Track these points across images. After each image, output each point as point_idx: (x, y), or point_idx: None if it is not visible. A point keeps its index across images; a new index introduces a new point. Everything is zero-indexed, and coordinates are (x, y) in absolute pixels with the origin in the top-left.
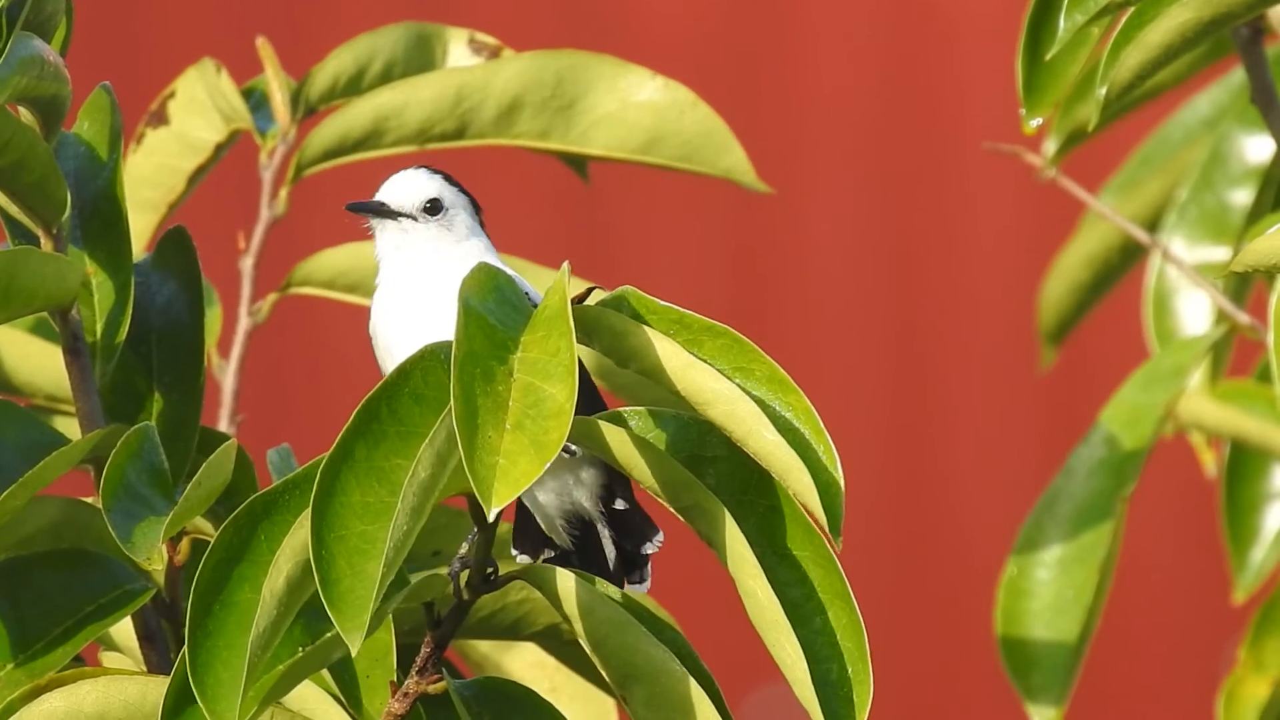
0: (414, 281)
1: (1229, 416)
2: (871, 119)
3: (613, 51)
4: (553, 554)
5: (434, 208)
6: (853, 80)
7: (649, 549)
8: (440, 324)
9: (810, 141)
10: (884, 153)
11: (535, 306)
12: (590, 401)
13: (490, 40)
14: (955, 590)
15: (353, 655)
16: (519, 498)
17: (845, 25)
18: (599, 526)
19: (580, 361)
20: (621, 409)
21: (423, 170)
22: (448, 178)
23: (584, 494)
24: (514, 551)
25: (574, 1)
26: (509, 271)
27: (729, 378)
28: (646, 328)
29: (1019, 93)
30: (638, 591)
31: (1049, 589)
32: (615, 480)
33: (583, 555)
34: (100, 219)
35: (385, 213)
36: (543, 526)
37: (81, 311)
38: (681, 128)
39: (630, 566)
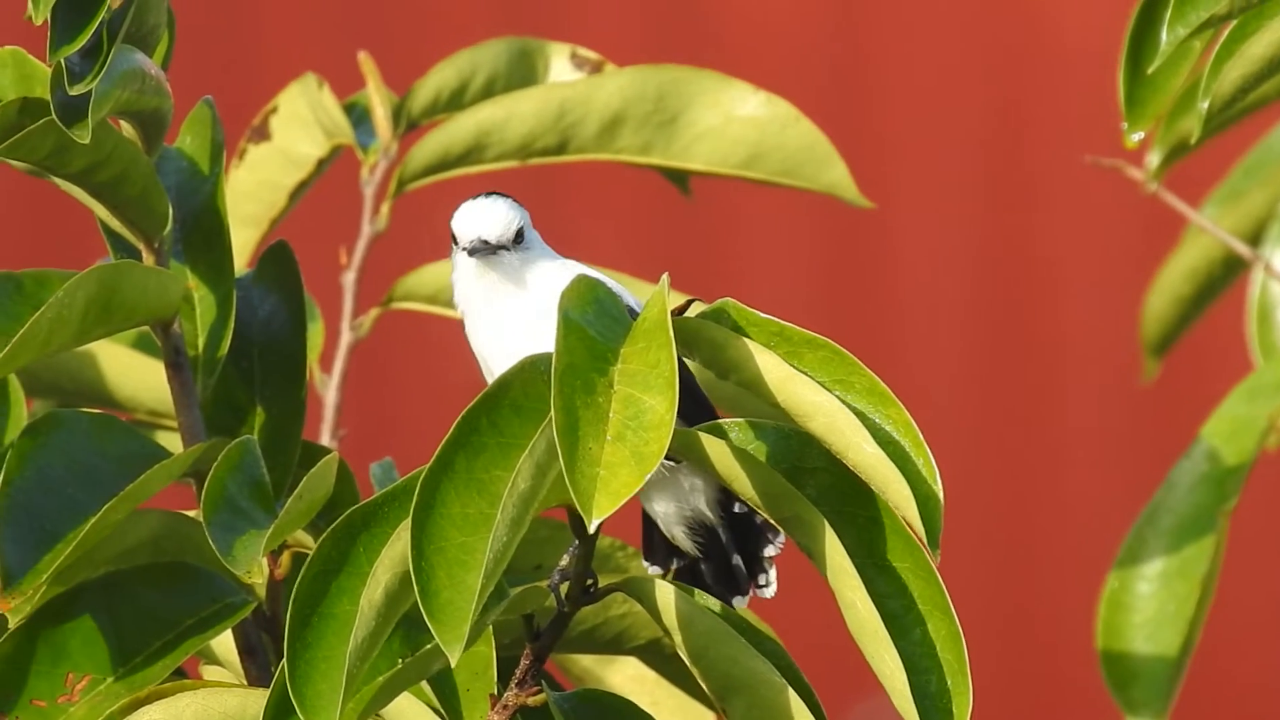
0: (507, 299)
1: None
2: (972, 133)
3: (714, 66)
4: (682, 564)
5: (520, 235)
6: (954, 94)
7: (770, 551)
8: (535, 331)
9: (911, 155)
10: (985, 166)
11: (637, 317)
12: (700, 410)
13: (592, 55)
14: (1056, 603)
15: (452, 666)
16: (642, 510)
17: (946, 39)
18: (719, 531)
19: (690, 371)
20: (722, 420)
21: (504, 201)
22: (511, 199)
23: (701, 500)
24: (645, 564)
25: (676, 16)
26: (609, 283)
27: (829, 390)
28: (746, 340)
29: (1121, 107)
30: (764, 596)
31: (1150, 603)
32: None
33: (711, 562)
34: (202, 233)
35: (489, 248)
36: (666, 536)
37: (183, 325)
38: (784, 143)
39: (754, 571)
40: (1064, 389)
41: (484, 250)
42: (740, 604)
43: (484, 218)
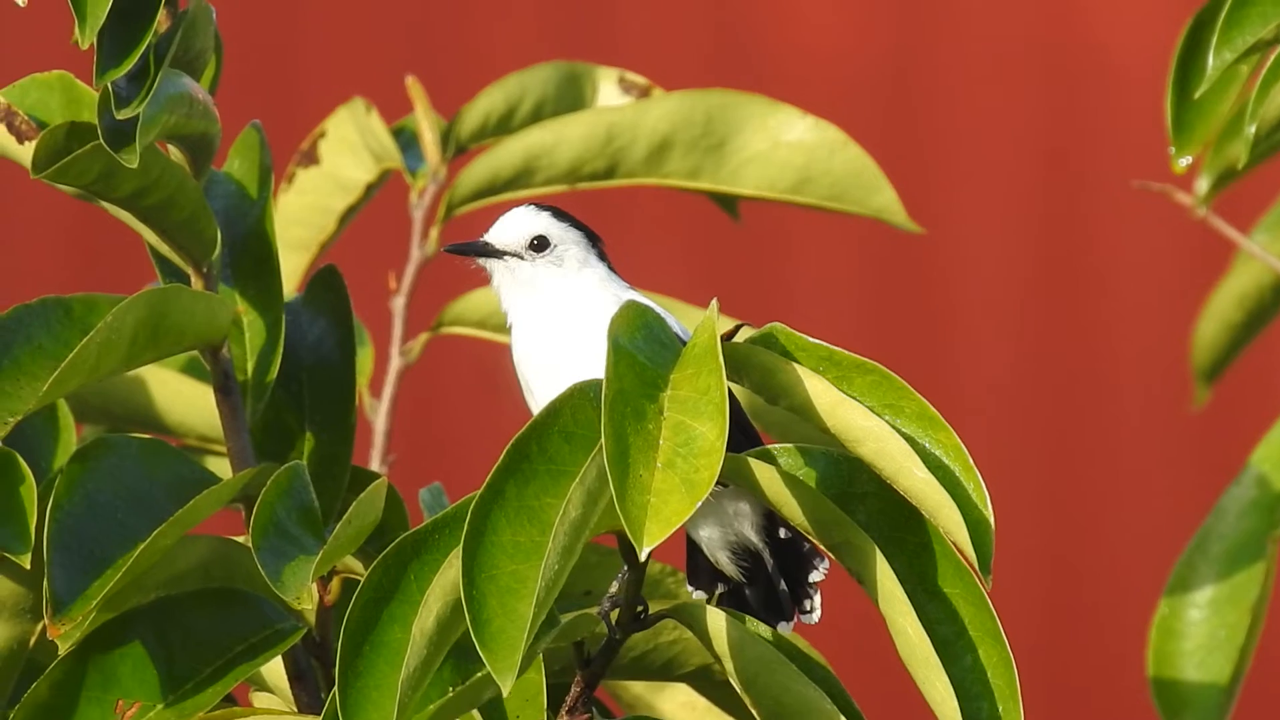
0: (539, 317)
1: None
2: (1022, 157)
3: (762, 90)
4: (726, 588)
5: (540, 244)
6: (1003, 119)
7: (815, 576)
8: (569, 357)
9: (959, 180)
10: (1035, 191)
11: (685, 344)
12: (746, 437)
13: (640, 79)
14: (1107, 629)
15: (504, 695)
16: (686, 533)
17: (995, 64)
18: (764, 556)
19: (734, 397)
20: (771, 446)
21: (529, 208)
22: (556, 213)
23: (746, 524)
24: (689, 588)
25: (723, 40)
26: (657, 309)
27: (878, 415)
28: (796, 364)
29: (1168, 131)
30: (809, 622)
31: (1201, 629)
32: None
33: (755, 587)
34: (250, 257)
35: (489, 252)
36: (710, 560)
37: (232, 350)
38: (832, 167)
39: (799, 596)
40: (1115, 414)
41: (485, 252)
42: (785, 629)
43: (502, 224)
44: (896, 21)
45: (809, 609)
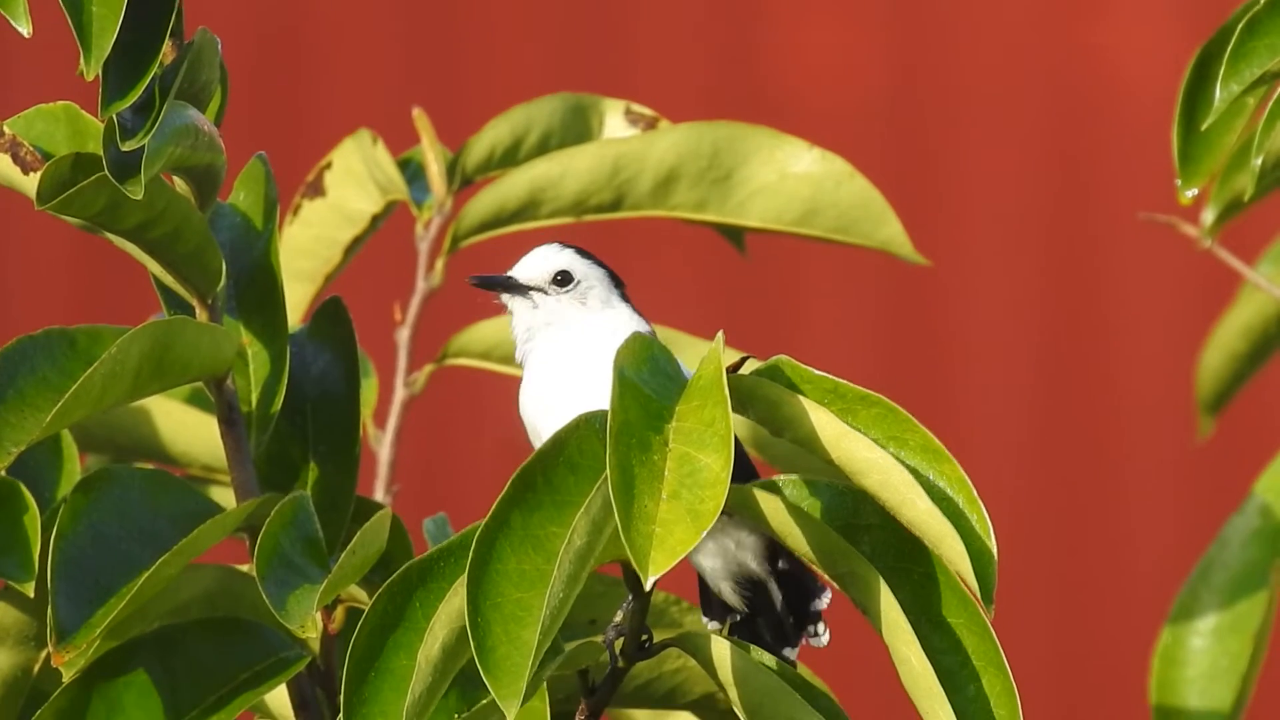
0: (556, 354)
1: None
2: (1028, 188)
3: (769, 122)
4: (737, 618)
5: (564, 279)
6: (1012, 151)
7: (819, 605)
8: (586, 395)
9: (965, 212)
10: (1044, 223)
11: (687, 379)
12: (743, 469)
13: (647, 111)
14: (1110, 658)
15: None
16: (694, 565)
17: (1004, 96)
18: (769, 585)
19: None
20: (776, 477)
21: (554, 245)
22: (580, 251)
23: (748, 555)
24: (704, 619)
25: (730, 72)
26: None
27: (883, 447)
28: (801, 397)
29: (1175, 163)
30: (819, 645)
31: (1204, 658)
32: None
33: (762, 617)
34: (256, 289)
35: (513, 286)
36: (713, 590)
37: (237, 381)
38: (838, 199)
39: (805, 624)
40: (1120, 444)
41: (509, 287)
42: (791, 655)
43: (526, 260)
44: (903, 53)
45: (815, 633)
